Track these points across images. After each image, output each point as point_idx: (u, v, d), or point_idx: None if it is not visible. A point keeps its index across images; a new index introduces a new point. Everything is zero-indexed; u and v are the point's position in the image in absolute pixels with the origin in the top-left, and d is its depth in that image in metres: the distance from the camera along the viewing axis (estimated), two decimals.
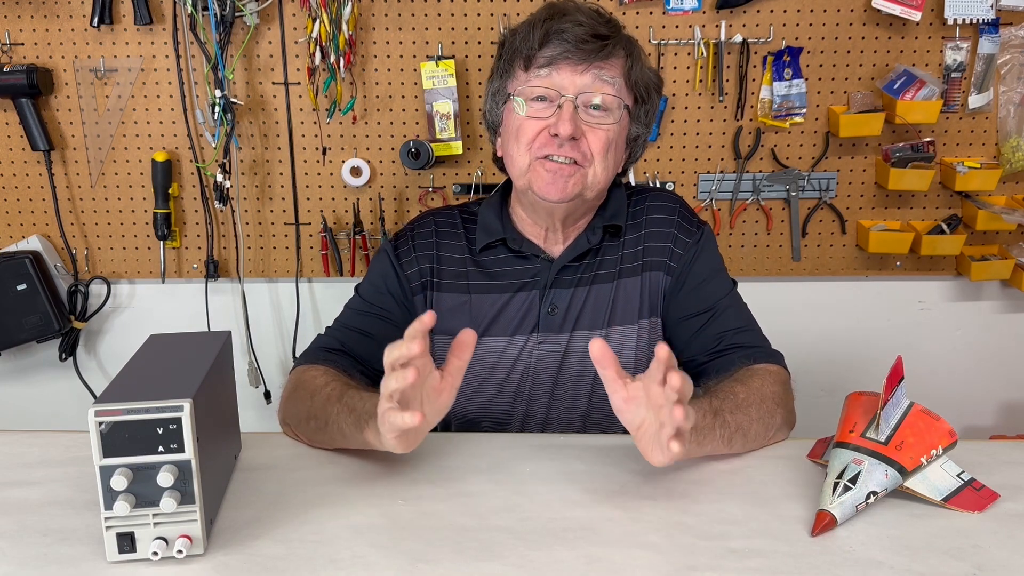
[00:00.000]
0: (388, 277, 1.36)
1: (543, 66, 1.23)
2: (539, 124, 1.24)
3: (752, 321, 1.33)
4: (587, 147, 1.24)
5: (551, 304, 1.32)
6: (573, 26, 1.21)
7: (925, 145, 2.05)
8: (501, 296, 1.33)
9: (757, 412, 1.12)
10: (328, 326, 1.37)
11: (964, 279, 2.19)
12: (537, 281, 1.33)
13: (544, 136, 1.24)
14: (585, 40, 1.21)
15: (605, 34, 1.22)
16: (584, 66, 1.22)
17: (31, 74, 2.03)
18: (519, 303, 1.33)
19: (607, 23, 1.24)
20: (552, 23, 1.22)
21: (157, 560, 0.87)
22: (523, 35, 1.24)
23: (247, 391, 2.25)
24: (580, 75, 1.22)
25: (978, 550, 0.90)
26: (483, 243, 1.34)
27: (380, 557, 0.89)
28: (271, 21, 2.06)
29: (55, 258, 2.20)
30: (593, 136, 1.24)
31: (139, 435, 0.84)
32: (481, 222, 1.37)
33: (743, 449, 1.12)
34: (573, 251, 1.32)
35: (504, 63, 1.29)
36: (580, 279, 1.33)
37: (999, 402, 2.31)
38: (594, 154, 1.24)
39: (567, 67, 1.22)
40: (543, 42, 1.22)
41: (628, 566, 0.88)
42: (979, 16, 2.00)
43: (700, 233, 1.35)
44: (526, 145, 1.25)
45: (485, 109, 1.36)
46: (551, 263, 1.33)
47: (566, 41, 1.21)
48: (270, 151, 2.14)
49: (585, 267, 1.33)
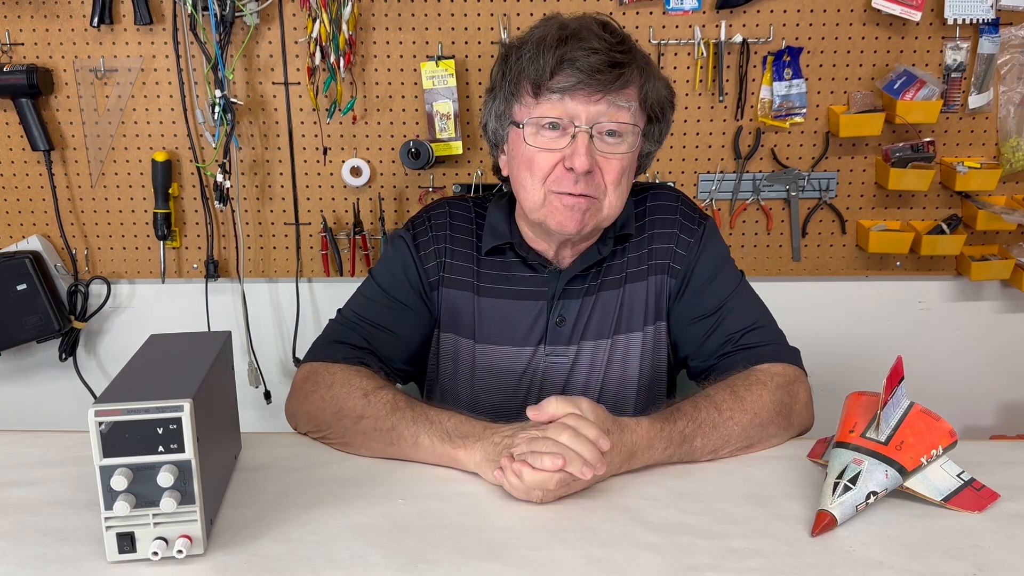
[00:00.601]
0: (408, 268, 1.31)
1: (555, 93, 1.16)
2: (553, 157, 1.18)
3: (763, 315, 1.29)
4: (601, 179, 1.19)
5: (559, 316, 1.29)
6: (587, 55, 1.14)
7: (925, 145, 2.05)
8: (507, 303, 1.30)
9: (741, 429, 1.11)
10: (340, 310, 1.33)
11: (964, 279, 2.19)
12: (545, 291, 1.30)
13: (560, 169, 1.18)
14: (600, 70, 1.14)
15: (621, 61, 1.15)
16: (599, 95, 1.16)
17: (31, 74, 2.03)
18: (526, 312, 1.30)
19: (620, 44, 1.17)
20: (565, 49, 1.14)
21: (157, 560, 0.87)
22: (531, 56, 1.17)
23: (247, 391, 2.25)
24: (594, 104, 1.16)
25: (978, 550, 0.90)
26: (490, 245, 1.30)
27: (380, 557, 0.89)
28: (271, 21, 2.06)
29: (55, 258, 2.20)
30: (607, 167, 1.18)
31: (139, 435, 0.84)
32: (489, 223, 1.32)
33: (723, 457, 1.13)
34: (583, 262, 1.29)
35: (510, 83, 1.21)
36: (588, 288, 1.30)
37: (999, 402, 2.31)
38: (608, 185, 1.19)
39: (581, 96, 1.16)
40: (555, 71, 1.15)
41: (628, 566, 0.88)
42: (979, 16, 2.00)
43: (702, 229, 1.31)
44: (540, 178, 1.19)
45: (486, 123, 1.29)
46: (559, 274, 1.29)
47: (580, 71, 1.14)
48: (270, 151, 2.14)
49: (593, 275, 1.30)
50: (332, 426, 1.14)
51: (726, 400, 1.13)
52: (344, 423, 1.13)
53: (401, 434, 1.08)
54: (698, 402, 1.13)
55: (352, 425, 1.12)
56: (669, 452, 1.07)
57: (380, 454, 1.11)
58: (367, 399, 1.13)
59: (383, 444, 1.10)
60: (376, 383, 1.17)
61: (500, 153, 1.30)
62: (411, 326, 1.31)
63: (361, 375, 1.19)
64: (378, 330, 1.29)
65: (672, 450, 1.07)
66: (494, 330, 1.31)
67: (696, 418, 1.10)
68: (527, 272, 1.31)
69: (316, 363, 1.24)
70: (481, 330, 1.31)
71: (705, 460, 1.10)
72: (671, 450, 1.07)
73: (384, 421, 1.10)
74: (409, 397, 1.14)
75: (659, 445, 1.06)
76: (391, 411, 1.10)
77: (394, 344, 1.29)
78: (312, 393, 1.19)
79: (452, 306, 1.32)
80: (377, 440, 1.10)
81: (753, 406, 1.13)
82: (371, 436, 1.11)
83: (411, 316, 1.31)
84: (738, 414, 1.12)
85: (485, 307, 1.31)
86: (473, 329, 1.32)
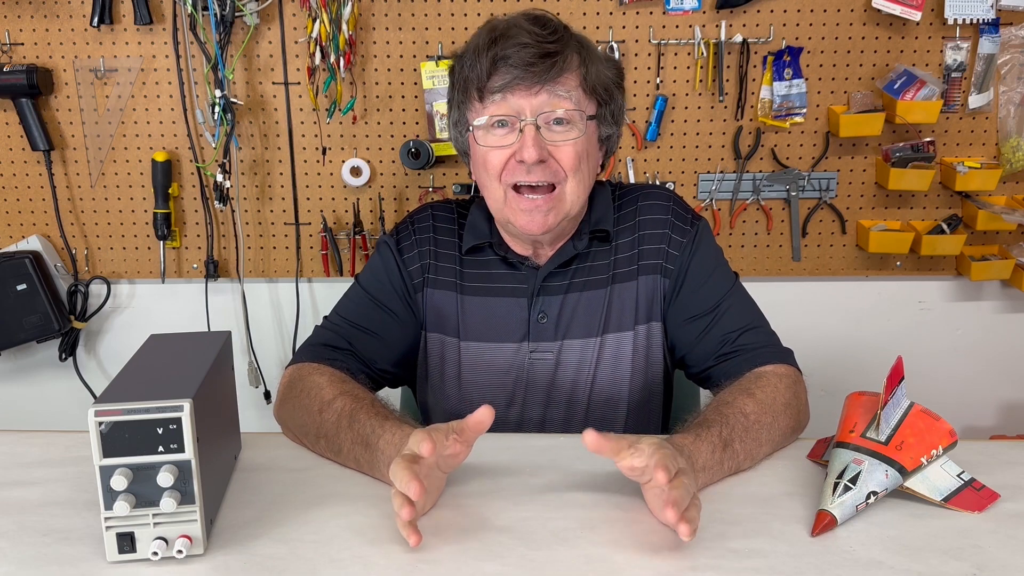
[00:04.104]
0: (391, 272, 1.33)
1: (496, 93, 1.19)
2: (504, 153, 1.21)
3: (757, 316, 1.30)
4: (557, 165, 1.21)
5: (541, 312, 1.30)
6: (518, 49, 1.16)
7: (925, 145, 2.05)
8: (489, 300, 1.32)
9: (768, 433, 1.10)
10: (326, 316, 1.34)
11: (964, 279, 2.19)
12: (525, 288, 1.31)
13: (512, 163, 1.21)
14: (532, 63, 1.16)
15: (553, 51, 1.17)
16: (538, 87, 1.18)
17: (31, 74, 2.03)
18: (508, 309, 1.31)
19: (552, 35, 1.19)
20: (496, 49, 1.17)
21: (157, 560, 0.87)
22: (470, 63, 1.20)
23: (247, 391, 2.25)
24: (535, 96, 1.18)
25: (978, 550, 0.90)
26: (469, 244, 1.32)
27: (380, 557, 0.89)
28: (271, 21, 2.06)
29: (55, 258, 2.20)
30: (561, 153, 1.20)
31: (139, 435, 0.84)
32: (470, 222, 1.34)
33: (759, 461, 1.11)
34: (559, 258, 1.30)
35: (459, 92, 1.25)
36: (570, 285, 1.30)
37: (999, 402, 2.31)
38: (567, 171, 1.21)
39: (521, 90, 1.18)
40: (491, 72, 1.18)
41: (628, 566, 0.88)
42: (979, 16, 2.00)
43: (695, 230, 1.31)
44: (496, 175, 1.22)
45: (450, 136, 1.32)
46: (537, 270, 1.30)
47: (513, 67, 1.17)
48: (270, 151, 2.14)
49: (574, 273, 1.31)
50: (306, 439, 1.16)
51: (748, 403, 1.11)
52: (309, 439, 1.15)
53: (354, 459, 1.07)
54: (721, 409, 1.11)
55: (315, 442, 1.13)
56: (716, 457, 1.03)
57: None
58: (322, 416, 1.12)
59: (343, 463, 1.10)
60: (332, 392, 1.15)
61: (468, 160, 1.32)
62: (394, 328, 1.32)
63: (323, 384, 1.17)
64: (360, 331, 1.30)
65: (718, 455, 1.03)
66: (478, 327, 1.32)
67: (728, 423, 1.07)
68: (507, 270, 1.32)
69: (296, 366, 1.25)
70: (466, 328, 1.32)
71: (746, 468, 1.08)
72: (717, 455, 1.03)
73: (336, 444, 1.09)
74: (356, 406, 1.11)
75: (705, 449, 1.02)
76: (340, 432, 1.09)
77: (376, 346, 1.30)
78: (282, 402, 1.21)
79: (437, 307, 1.33)
80: (339, 460, 1.10)
81: (772, 408, 1.13)
82: (335, 456, 1.11)
83: (394, 318, 1.32)
84: (763, 416, 1.11)
85: (469, 305, 1.32)
86: (458, 328, 1.33)
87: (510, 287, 1.32)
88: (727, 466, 1.05)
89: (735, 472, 1.07)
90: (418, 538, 0.89)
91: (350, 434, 1.07)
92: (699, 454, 1.00)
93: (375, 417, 1.07)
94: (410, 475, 0.88)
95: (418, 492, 0.87)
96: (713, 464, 1.02)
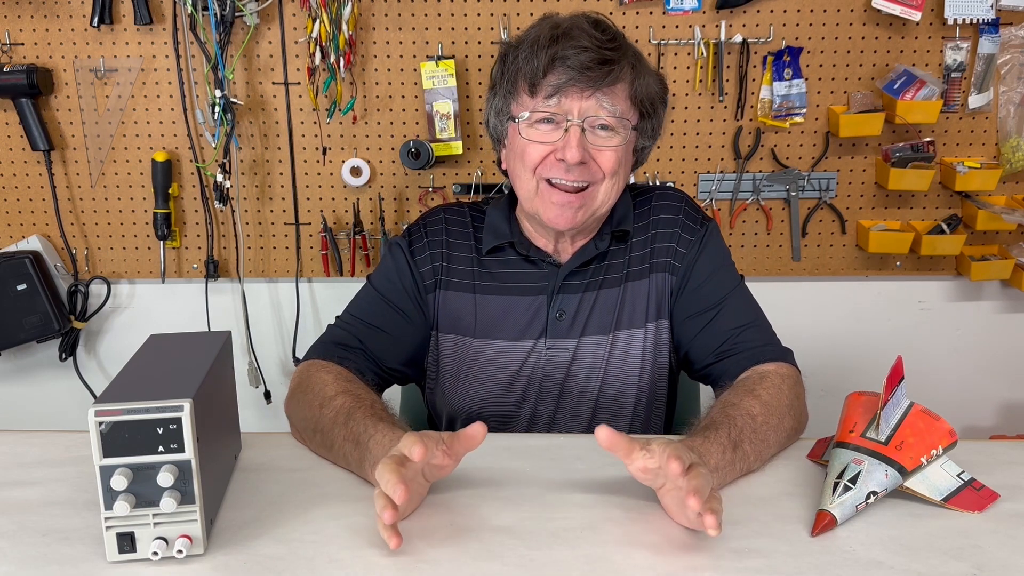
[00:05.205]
0: (403, 273, 1.34)
1: (548, 90, 1.21)
2: (545, 148, 1.23)
3: (759, 317, 1.31)
4: (596, 167, 1.23)
5: (559, 310, 1.31)
6: (577, 52, 1.18)
7: (925, 145, 2.05)
8: (507, 299, 1.32)
9: (775, 434, 1.10)
10: (338, 315, 1.35)
11: (964, 279, 2.19)
12: (544, 286, 1.32)
13: (551, 160, 1.22)
14: (590, 67, 1.19)
15: (610, 58, 1.20)
16: (590, 91, 1.20)
17: (31, 74, 2.03)
18: (525, 306, 1.32)
19: (611, 42, 1.21)
20: (556, 48, 1.19)
21: (157, 560, 0.87)
22: (526, 56, 1.22)
23: (247, 391, 2.25)
24: (586, 99, 1.20)
25: (978, 550, 0.90)
26: (490, 245, 1.33)
27: (380, 557, 0.89)
28: (271, 21, 2.06)
29: (55, 258, 2.20)
30: (602, 157, 1.22)
31: (139, 435, 0.84)
32: (489, 223, 1.35)
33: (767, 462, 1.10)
34: (581, 257, 1.31)
35: (507, 81, 1.26)
36: (588, 283, 1.32)
37: (999, 402, 2.31)
38: (605, 174, 1.23)
39: (573, 92, 1.20)
40: (547, 69, 1.20)
41: (628, 566, 0.88)
42: (979, 16, 2.00)
43: (704, 230, 1.33)
44: (531, 168, 1.24)
45: (488, 120, 1.34)
46: (558, 268, 1.32)
47: (571, 68, 1.19)
48: (270, 151, 2.14)
49: (593, 271, 1.32)
50: (305, 435, 1.16)
51: (754, 405, 1.12)
52: (307, 434, 1.14)
53: (344, 456, 1.07)
54: (727, 410, 1.10)
55: (311, 437, 1.14)
56: (727, 458, 1.02)
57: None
58: (322, 411, 1.12)
59: (333, 461, 1.10)
60: (335, 388, 1.15)
61: (501, 148, 1.34)
62: (404, 327, 1.33)
63: (328, 380, 1.18)
64: (371, 329, 1.31)
65: (728, 456, 1.03)
66: (493, 325, 1.33)
67: (736, 424, 1.07)
68: (528, 268, 1.33)
69: (307, 363, 1.26)
70: (481, 325, 1.33)
71: (756, 469, 1.08)
72: (728, 456, 1.02)
73: (328, 439, 1.10)
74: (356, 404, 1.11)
75: (715, 450, 1.02)
76: (335, 428, 1.09)
77: (386, 344, 1.31)
78: (291, 398, 1.22)
79: (450, 307, 1.34)
80: (330, 456, 1.10)
81: (777, 409, 1.13)
82: (326, 452, 1.11)
83: (405, 318, 1.33)
84: (770, 418, 1.11)
85: (484, 304, 1.33)
86: (473, 326, 1.33)
87: (529, 285, 1.33)
88: (739, 467, 1.04)
89: (746, 473, 1.06)
90: (398, 540, 0.88)
91: (344, 431, 1.08)
92: (710, 455, 1.00)
93: (370, 417, 1.08)
94: (396, 478, 0.88)
95: (403, 496, 0.87)
96: (725, 464, 1.02)
